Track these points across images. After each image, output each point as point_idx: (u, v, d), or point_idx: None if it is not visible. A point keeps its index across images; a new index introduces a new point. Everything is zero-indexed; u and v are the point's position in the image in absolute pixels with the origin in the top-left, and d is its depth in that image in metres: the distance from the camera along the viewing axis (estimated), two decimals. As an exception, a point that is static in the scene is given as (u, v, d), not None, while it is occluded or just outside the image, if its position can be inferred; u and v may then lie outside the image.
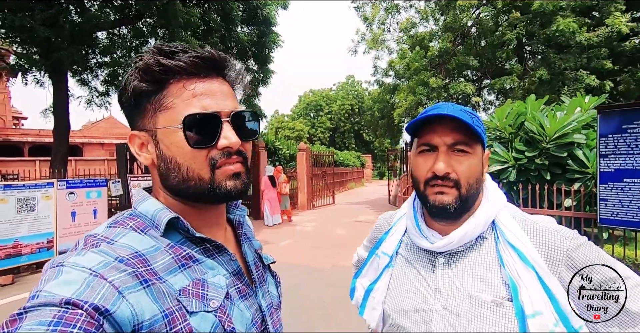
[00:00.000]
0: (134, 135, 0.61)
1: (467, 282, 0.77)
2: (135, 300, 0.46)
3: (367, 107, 20.61)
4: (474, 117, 0.78)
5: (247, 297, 0.64)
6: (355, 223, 9.69)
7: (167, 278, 0.53)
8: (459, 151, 0.76)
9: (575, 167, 4.24)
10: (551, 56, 9.90)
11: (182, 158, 0.57)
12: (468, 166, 0.76)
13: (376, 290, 0.91)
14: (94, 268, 0.46)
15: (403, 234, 0.94)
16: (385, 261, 0.92)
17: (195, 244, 0.60)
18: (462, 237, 0.78)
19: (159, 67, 0.56)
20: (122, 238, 0.54)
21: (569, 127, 4.27)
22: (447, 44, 11.58)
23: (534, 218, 0.81)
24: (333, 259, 5.95)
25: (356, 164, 25.63)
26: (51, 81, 8.45)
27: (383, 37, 14.31)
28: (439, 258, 0.83)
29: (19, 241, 5.07)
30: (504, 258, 0.75)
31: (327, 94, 44.74)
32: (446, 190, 0.76)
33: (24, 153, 25.45)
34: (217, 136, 0.57)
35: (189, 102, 0.56)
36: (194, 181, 0.57)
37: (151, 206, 0.60)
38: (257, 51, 10.74)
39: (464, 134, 0.76)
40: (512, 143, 4.79)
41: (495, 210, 0.81)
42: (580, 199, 3.97)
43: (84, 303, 0.42)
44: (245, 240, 0.73)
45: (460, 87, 11.33)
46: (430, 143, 0.78)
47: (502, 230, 0.78)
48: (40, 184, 5.43)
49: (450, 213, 0.77)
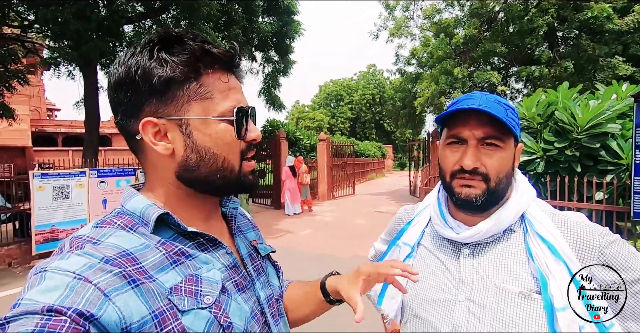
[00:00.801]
0: (149, 122, 0.55)
1: (493, 273, 0.76)
2: (123, 302, 0.45)
3: (388, 97, 20.24)
4: (509, 109, 0.76)
5: (245, 289, 0.63)
6: (376, 213, 9.67)
7: (157, 277, 0.51)
8: (489, 145, 0.75)
9: (609, 158, 4.04)
10: (584, 43, 9.38)
11: (220, 148, 0.57)
12: (498, 161, 0.75)
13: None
14: (78, 271, 0.45)
15: (426, 225, 0.93)
16: (407, 251, 0.92)
17: (188, 239, 0.59)
18: (489, 228, 0.77)
19: (206, 56, 0.55)
20: (109, 237, 0.52)
21: (603, 116, 4.06)
22: (473, 31, 11.16)
23: (564, 214, 0.80)
24: (353, 249, 5.99)
25: (377, 155, 25.41)
26: (82, 74, 8.75)
27: (406, 23, 13.94)
28: (464, 248, 0.82)
29: (55, 226, 5.38)
30: (532, 250, 0.74)
31: (347, 83, 44.27)
32: (473, 183, 0.75)
33: (57, 143, 26.69)
34: (245, 129, 0.59)
35: (226, 94, 0.57)
36: (227, 171, 0.58)
37: (139, 203, 0.58)
38: (278, 41, 10.72)
39: (496, 127, 0.74)
40: (541, 133, 4.61)
41: (525, 204, 0.79)
42: (613, 192, 3.79)
43: (67, 310, 0.40)
44: (239, 233, 0.72)
45: (486, 75, 10.94)
46: (460, 135, 0.76)
47: (532, 222, 0.77)
48: (73, 173, 5.70)
49: (477, 206, 0.76)
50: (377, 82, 43.20)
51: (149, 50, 0.54)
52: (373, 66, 44.97)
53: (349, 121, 42.12)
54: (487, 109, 0.71)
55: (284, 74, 11.20)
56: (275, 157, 11.01)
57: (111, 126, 30.16)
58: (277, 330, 0.68)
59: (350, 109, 42.19)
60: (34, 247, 5.18)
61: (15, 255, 5.45)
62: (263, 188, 11.32)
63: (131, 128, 0.57)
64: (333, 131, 40.21)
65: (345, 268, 0.77)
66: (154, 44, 0.55)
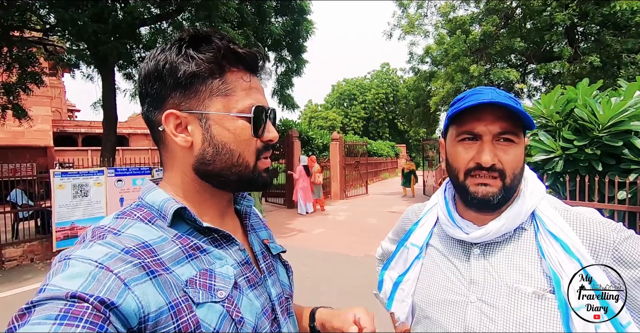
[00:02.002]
0: (172, 114, 0.58)
1: (505, 273, 0.74)
2: (142, 291, 0.47)
3: (401, 96, 20.06)
4: (518, 104, 0.74)
5: (257, 286, 0.64)
6: (389, 213, 9.60)
7: (174, 269, 0.53)
8: (505, 140, 0.73)
9: (632, 157, 3.89)
10: (607, 38, 9.07)
11: (236, 144, 0.59)
12: (514, 156, 0.73)
13: (405, 281, 0.89)
14: (100, 260, 0.46)
15: (434, 225, 0.92)
16: (415, 252, 0.90)
17: (202, 234, 0.60)
18: (500, 228, 0.75)
19: (231, 54, 0.58)
20: (128, 228, 0.54)
21: (626, 113, 3.91)
22: (490, 28, 10.93)
23: (576, 209, 0.77)
24: (366, 248, 5.96)
25: (390, 154, 25.21)
26: (100, 76, 8.97)
27: (420, 21, 13.76)
28: (474, 248, 0.80)
29: (75, 224, 5.53)
30: (544, 249, 0.72)
31: (360, 82, 44.04)
32: (490, 182, 0.73)
33: (77, 143, 27.45)
34: (263, 129, 0.61)
35: (247, 93, 0.59)
36: (242, 167, 0.60)
37: (158, 196, 0.59)
38: (291, 40, 10.74)
39: (512, 122, 0.72)
40: (560, 131, 4.48)
41: (535, 200, 0.77)
42: (636, 192, 3.65)
43: (89, 297, 0.42)
44: (252, 231, 0.74)
45: (504, 73, 10.71)
46: (474, 131, 0.73)
47: (542, 220, 0.75)
48: (92, 171, 5.85)
49: (493, 205, 0.74)
50: (391, 81, 42.85)
51: (178, 46, 0.57)
52: (387, 65, 44.61)
53: (362, 120, 41.93)
54: (503, 101, 0.69)
55: (296, 74, 11.22)
56: (288, 156, 11.05)
57: (128, 127, 30.86)
58: (287, 328, 0.69)
59: (363, 109, 41.97)
60: (55, 244, 5.35)
61: (37, 251, 5.64)
62: (276, 187, 11.38)
63: (155, 119, 0.60)
64: (346, 130, 40.08)
65: (357, 267, 0.76)
66: (184, 42, 0.58)
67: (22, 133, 13.79)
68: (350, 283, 4.25)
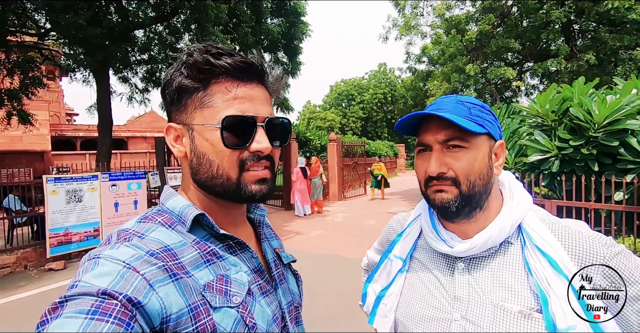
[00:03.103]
0: (170, 127, 0.63)
1: (490, 290, 0.71)
2: (165, 293, 0.48)
3: (399, 96, 20.06)
4: (474, 107, 0.72)
5: (268, 293, 0.65)
6: (387, 214, 9.55)
7: (193, 273, 0.54)
8: (454, 147, 0.71)
9: (629, 157, 3.86)
10: (603, 35, 9.04)
11: (214, 155, 0.59)
12: (466, 162, 0.70)
13: (388, 296, 0.86)
14: (127, 261, 0.49)
15: (418, 236, 0.88)
16: (398, 265, 0.86)
17: (218, 240, 0.62)
18: (485, 242, 0.72)
19: (207, 66, 0.58)
20: (152, 232, 0.56)
21: (622, 112, 3.88)
22: (486, 27, 10.90)
23: (564, 222, 0.74)
24: (364, 250, 5.88)
25: (389, 154, 25.17)
26: (95, 79, 8.94)
27: (416, 21, 13.74)
28: (459, 262, 0.77)
29: (69, 229, 5.49)
30: (531, 265, 0.68)
31: (358, 83, 44.00)
32: (445, 188, 0.71)
33: (76, 146, 27.42)
34: (250, 139, 0.60)
35: (229, 103, 0.59)
36: (222, 179, 0.60)
37: (178, 202, 0.62)
38: (287, 42, 10.71)
39: (457, 128, 0.69)
40: (555, 131, 4.44)
41: (521, 213, 0.74)
42: (633, 192, 3.61)
43: (118, 295, 0.44)
44: (265, 239, 0.75)
45: (500, 71, 10.67)
46: (424, 142, 0.74)
47: (529, 234, 0.71)
48: (86, 177, 5.81)
49: (453, 212, 0.72)
50: (389, 81, 42.80)
51: (176, 64, 0.62)
52: (384, 65, 44.56)
53: (360, 120, 41.87)
54: (440, 113, 0.68)
55: (292, 76, 11.20)
56: (286, 158, 11.01)
57: (127, 130, 30.82)
58: None
59: (361, 109, 41.91)
60: (48, 250, 5.31)
61: (31, 258, 5.59)
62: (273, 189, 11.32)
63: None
64: (345, 130, 40.05)
65: (355, 269, 0.76)
66: (181, 59, 0.61)
67: (20, 137, 13.76)
68: (349, 286, 4.21)
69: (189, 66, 0.59)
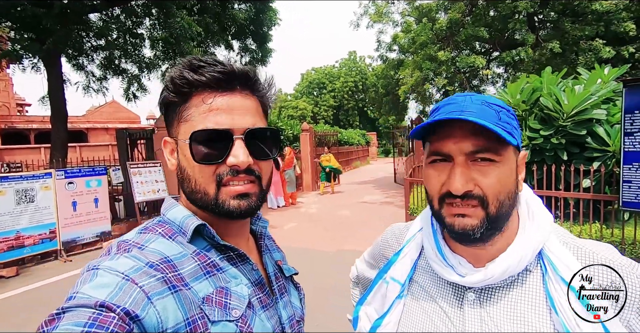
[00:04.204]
0: (166, 141, 0.64)
1: (507, 327, 0.60)
2: (162, 306, 0.47)
3: (370, 84, 20.03)
4: (502, 111, 0.59)
5: (268, 307, 0.64)
6: (360, 204, 9.58)
7: (192, 285, 0.53)
8: (482, 160, 0.57)
9: (595, 145, 3.97)
10: (566, 25, 9.32)
11: (190, 170, 0.58)
12: (497, 179, 0.57)
13: (385, 325, 0.74)
14: (126, 272, 0.48)
15: (418, 256, 0.76)
16: (396, 290, 0.74)
17: (219, 251, 0.61)
18: (503, 272, 0.60)
19: (182, 81, 0.57)
20: (152, 243, 0.56)
21: (589, 102, 3.98)
22: (456, 15, 10.96)
23: (590, 246, 0.63)
24: (338, 242, 5.88)
25: (361, 143, 25.31)
26: (45, 67, 8.18)
27: (387, 9, 13.61)
28: (469, 292, 0.65)
29: (20, 233, 5.03)
30: (555, 299, 0.57)
31: (329, 71, 43.67)
32: (469, 211, 0.58)
33: (30, 140, 25.52)
34: (226, 153, 0.57)
35: (204, 116, 0.57)
36: (200, 194, 0.58)
37: (179, 213, 0.61)
38: (255, 29, 10.28)
39: (487, 137, 0.56)
40: (526, 121, 4.51)
41: (543, 235, 0.62)
42: (600, 180, 3.73)
43: (116, 307, 0.43)
44: (267, 251, 0.74)
45: (470, 60, 10.82)
46: (443, 151, 0.60)
47: (552, 261, 0.60)
48: (37, 174, 5.33)
49: (475, 239, 0.59)
50: (359, 69, 42.73)
51: (166, 78, 0.61)
52: (354, 53, 44.35)
53: (332, 109, 41.73)
54: (472, 117, 0.55)
55: (262, 64, 10.82)
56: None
57: (86, 121, 29.03)
58: None
59: (333, 97, 41.73)
60: (-2, 256, 4.84)
61: (-21, 265, 5.08)
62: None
63: None
64: (317, 119, 39.82)
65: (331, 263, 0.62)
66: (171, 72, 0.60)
67: (-39, 131, 12.53)
68: (326, 280, 4.15)
69: (170, 80, 0.58)
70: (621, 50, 8.72)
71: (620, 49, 8.75)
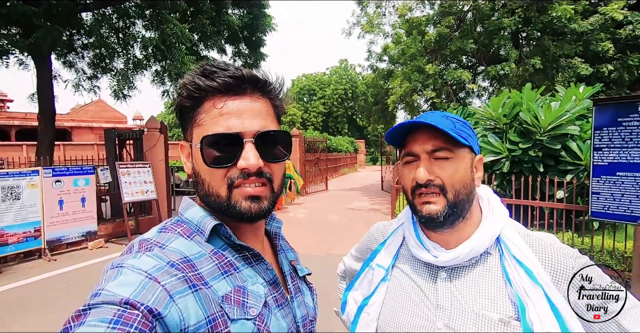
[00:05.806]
0: (182, 145, 0.66)
1: (472, 299, 0.75)
2: (184, 304, 0.49)
3: (360, 93, 20.34)
4: (457, 122, 0.77)
5: (283, 306, 0.65)
6: (348, 210, 9.72)
7: (212, 284, 0.55)
8: (440, 158, 0.75)
9: (569, 159, 4.23)
10: (547, 43, 9.77)
11: (203, 173, 0.61)
12: (452, 171, 0.74)
13: (370, 305, 0.87)
14: (149, 271, 0.49)
15: (400, 245, 0.90)
16: (381, 274, 0.88)
17: (235, 251, 0.62)
18: (468, 252, 0.76)
19: (193, 86, 0.59)
20: (172, 242, 0.57)
21: (564, 118, 4.24)
22: (445, 30, 11.34)
23: (537, 235, 0.79)
24: (327, 247, 5.97)
25: (349, 150, 25.58)
26: (34, 63, 8.10)
27: (379, 20, 13.96)
28: (441, 272, 0.80)
29: (4, 230, 4.97)
30: (510, 274, 0.73)
31: (320, 78, 44.10)
32: (432, 199, 0.75)
33: (10, 137, 24.85)
34: (237, 156, 0.58)
35: (215, 121, 0.58)
36: (213, 197, 0.60)
37: (197, 213, 0.63)
38: (249, 34, 10.41)
39: (444, 139, 0.74)
40: (507, 133, 4.75)
41: (501, 225, 0.79)
42: (573, 191, 3.97)
43: (140, 305, 0.44)
44: (281, 251, 0.76)
45: (457, 73, 11.18)
46: (412, 151, 0.77)
47: (508, 245, 0.76)
48: (24, 172, 5.29)
49: (440, 222, 0.75)
50: (350, 78, 43.29)
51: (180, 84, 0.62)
52: (345, 61, 44.96)
53: (321, 115, 42.05)
54: (431, 122, 0.72)
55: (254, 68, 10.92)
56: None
57: (71, 119, 28.45)
58: None
59: (322, 104, 42.09)
60: (-20, 253, 4.78)
61: (-41, 262, 5.00)
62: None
63: None
64: (306, 125, 40.01)
65: (319, 267, 0.75)
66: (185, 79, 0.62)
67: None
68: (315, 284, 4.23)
69: (183, 86, 0.60)
70: (600, 68, 9.17)
71: (599, 67, 9.21)
